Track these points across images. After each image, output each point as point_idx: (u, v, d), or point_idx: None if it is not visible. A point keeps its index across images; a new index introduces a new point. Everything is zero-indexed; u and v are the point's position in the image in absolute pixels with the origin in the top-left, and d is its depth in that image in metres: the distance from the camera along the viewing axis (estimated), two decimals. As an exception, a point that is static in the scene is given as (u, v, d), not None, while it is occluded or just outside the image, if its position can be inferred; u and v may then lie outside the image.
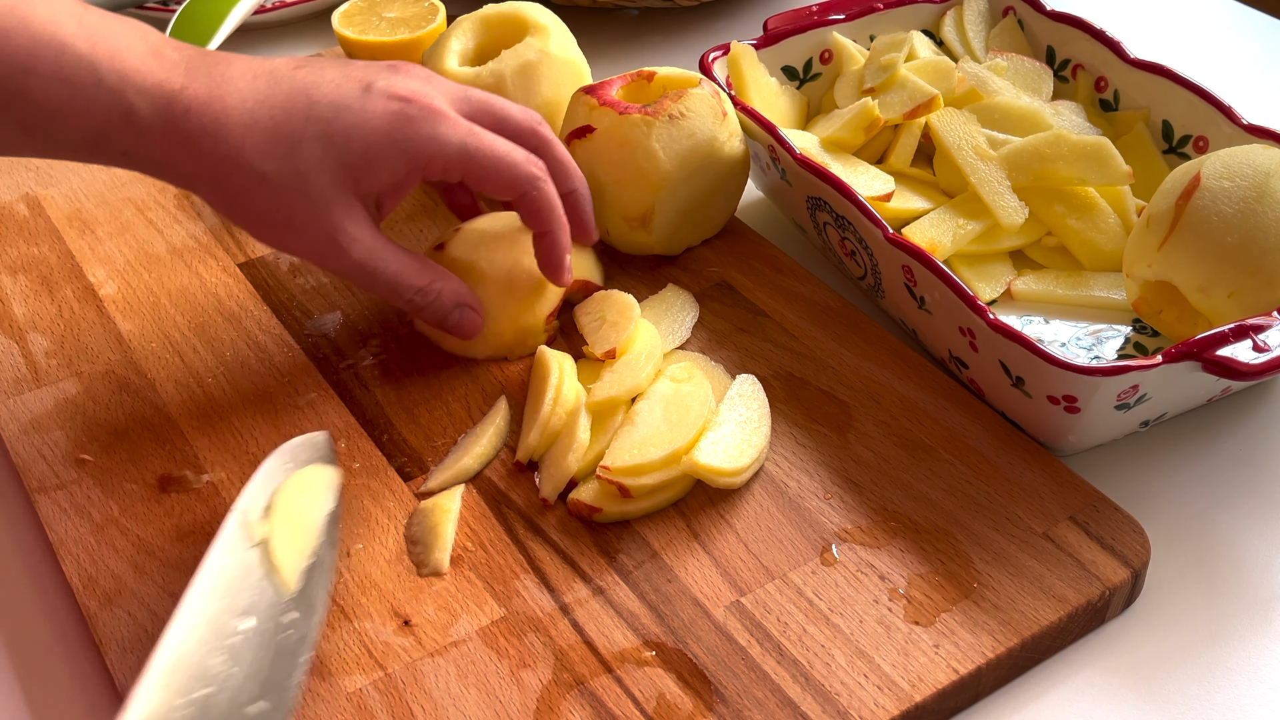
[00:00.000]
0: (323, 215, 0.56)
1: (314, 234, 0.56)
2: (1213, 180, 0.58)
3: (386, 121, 0.56)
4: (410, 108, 0.57)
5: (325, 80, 0.56)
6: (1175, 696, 0.51)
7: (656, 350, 0.61)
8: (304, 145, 0.55)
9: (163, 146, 0.54)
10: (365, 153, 0.56)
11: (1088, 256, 0.67)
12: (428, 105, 0.57)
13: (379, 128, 0.56)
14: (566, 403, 0.58)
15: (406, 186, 0.60)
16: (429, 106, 0.57)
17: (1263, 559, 0.56)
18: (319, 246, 0.57)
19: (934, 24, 0.80)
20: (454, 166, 0.57)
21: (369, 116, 0.56)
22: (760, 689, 0.48)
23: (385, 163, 0.56)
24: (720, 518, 0.55)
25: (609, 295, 0.64)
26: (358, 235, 0.57)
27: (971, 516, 0.55)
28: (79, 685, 0.52)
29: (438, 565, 0.53)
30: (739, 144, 0.68)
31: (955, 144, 0.69)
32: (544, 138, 0.61)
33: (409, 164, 0.57)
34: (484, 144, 0.58)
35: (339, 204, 0.56)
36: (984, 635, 0.50)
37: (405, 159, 0.56)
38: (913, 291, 0.61)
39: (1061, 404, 0.55)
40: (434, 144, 0.57)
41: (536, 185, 0.59)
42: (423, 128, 0.56)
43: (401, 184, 0.59)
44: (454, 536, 0.55)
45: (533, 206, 0.60)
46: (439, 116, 0.57)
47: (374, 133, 0.56)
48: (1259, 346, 0.53)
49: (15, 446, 0.60)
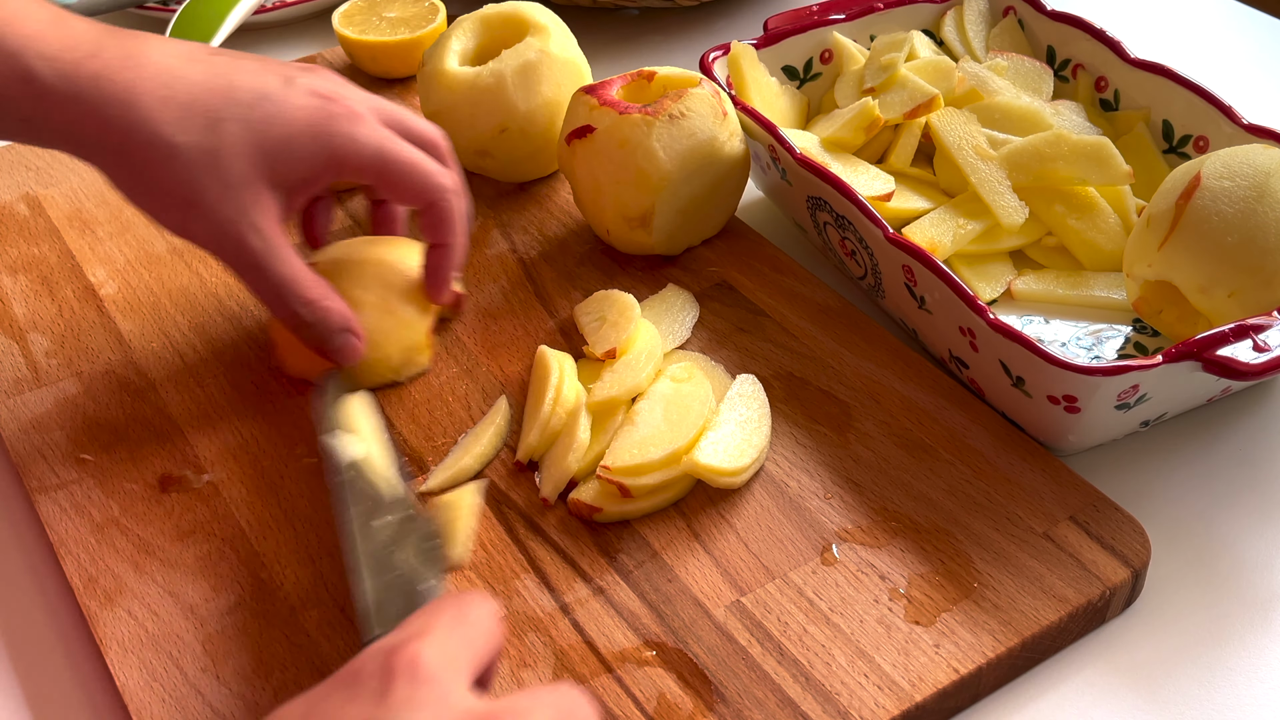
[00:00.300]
0: (231, 198, 0.55)
1: (217, 217, 0.55)
2: (1213, 180, 0.58)
3: (308, 115, 0.56)
4: (332, 105, 0.57)
5: (245, 68, 0.56)
6: (1175, 696, 0.51)
7: (657, 350, 0.61)
8: (224, 125, 0.54)
9: (66, 113, 0.53)
10: (285, 141, 0.55)
11: (1088, 256, 0.67)
12: (348, 106, 0.57)
13: (300, 119, 0.55)
14: (567, 402, 0.58)
15: (317, 184, 0.59)
16: (349, 108, 0.57)
17: (1263, 559, 0.56)
18: (218, 231, 0.55)
19: (934, 24, 0.80)
20: (368, 169, 0.57)
21: (291, 108, 0.55)
22: (761, 689, 0.48)
23: (303, 154, 0.56)
24: (720, 518, 0.55)
25: (609, 295, 0.64)
26: (261, 226, 0.55)
27: (972, 516, 0.55)
28: (79, 685, 0.52)
29: (457, 560, 0.54)
30: (739, 144, 0.68)
31: (955, 144, 0.69)
32: (448, 155, 0.61)
33: (327, 159, 0.56)
34: (399, 150, 0.58)
35: (250, 189, 0.55)
36: (984, 635, 0.50)
37: (324, 154, 0.56)
38: (913, 291, 0.61)
39: (1062, 404, 0.55)
40: (353, 144, 0.56)
41: (446, 196, 0.59)
42: (343, 126, 0.56)
43: (313, 180, 0.58)
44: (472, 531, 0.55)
45: (439, 216, 0.60)
46: (358, 118, 0.57)
47: (295, 123, 0.55)
48: (1259, 346, 0.53)
49: (15, 446, 0.60)
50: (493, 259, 0.70)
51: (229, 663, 0.50)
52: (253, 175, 0.55)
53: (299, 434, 0.60)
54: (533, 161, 0.74)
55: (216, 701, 0.49)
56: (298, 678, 0.50)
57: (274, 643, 0.51)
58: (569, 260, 0.70)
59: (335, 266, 0.62)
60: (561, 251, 0.70)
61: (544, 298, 0.67)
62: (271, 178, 0.55)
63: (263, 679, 0.50)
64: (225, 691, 0.49)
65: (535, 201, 0.74)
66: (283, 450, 0.59)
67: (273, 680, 0.50)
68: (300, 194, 0.59)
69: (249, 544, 0.55)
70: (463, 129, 0.72)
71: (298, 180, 0.57)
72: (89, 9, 0.89)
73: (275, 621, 0.52)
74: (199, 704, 0.49)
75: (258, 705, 0.49)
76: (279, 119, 0.55)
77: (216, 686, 0.49)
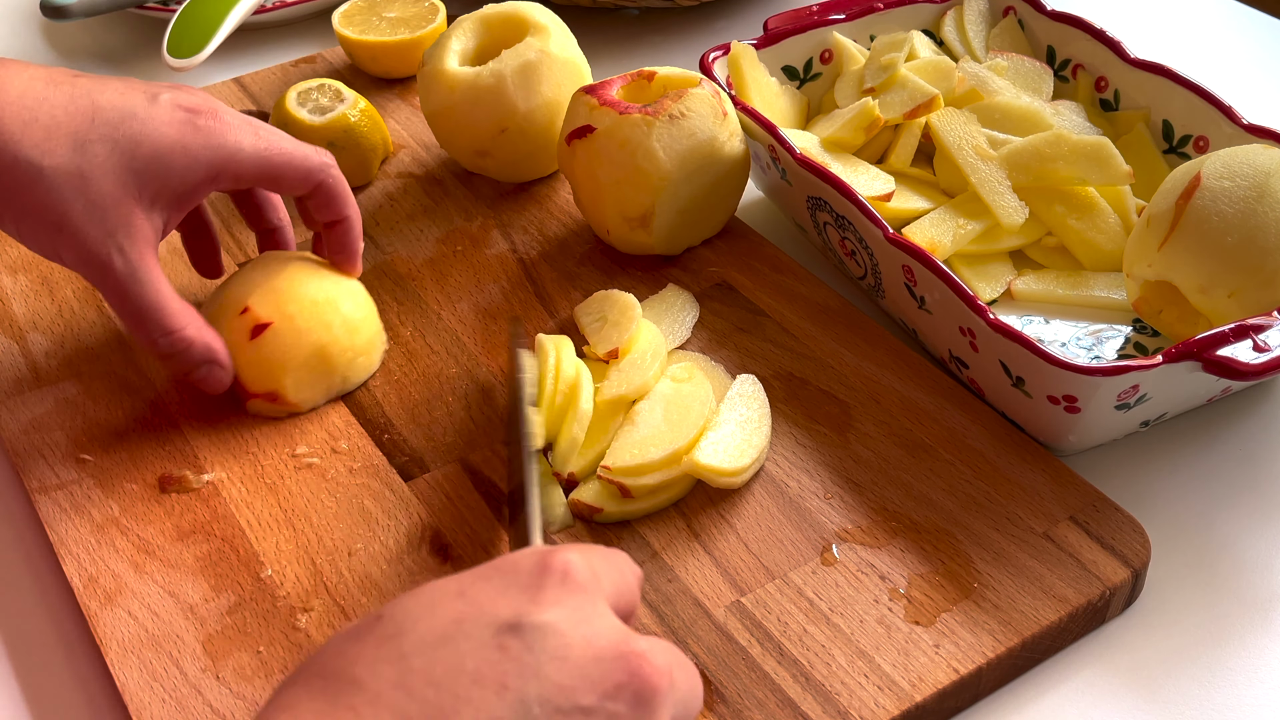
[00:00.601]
0: (98, 220, 0.54)
1: (83, 239, 0.54)
2: (1213, 180, 0.58)
3: (176, 129, 0.55)
4: (199, 117, 0.56)
5: (109, 88, 0.56)
6: (1175, 696, 0.51)
7: (661, 348, 0.61)
8: (90, 146, 0.54)
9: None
10: (156, 157, 0.55)
11: (1088, 256, 0.67)
12: (217, 115, 0.57)
13: (169, 134, 0.55)
14: (567, 378, 0.58)
15: (196, 197, 0.58)
16: (219, 117, 0.57)
17: (1263, 559, 0.56)
18: (85, 253, 0.54)
19: (934, 24, 0.80)
20: (249, 169, 0.57)
21: (158, 123, 0.55)
22: (761, 689, 0.48)
23: (177, 168, 0.55)
24: (721, 518, 0.55)
25: (609, 295, 0.64)
26: (127, 249, 0.55)
27: (972, 516, 0.55)
28: (79, 685, 0.52)
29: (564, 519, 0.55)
30: (739, 144, 0.68)
31: (955, 144, 0.69)
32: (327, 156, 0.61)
33: (204, 170, 0.56)
34: (274, 142, 0.58)
35: (118, 210, 0.54)
36: (984, 635, 0.50)
37: (200, 165, 0.56)
38: (913, 291, 0.61)
39: (1062, 404, 0.55)
40: (226, 149, 0.56)
41: (329, 172, 0.60)
42: (215, 134, 0.56)
43: (191, 194, 0.57)
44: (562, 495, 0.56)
45: (328, 194, 0.60)
46: (227, 125, 0.57)
47: (164, 139, 0.55)
48: (1259, 346, 0.53)
49: (15, 446, 0.60)
50: (493, 259, 0.70)
51: (229, 663, 0.50)
52: (122, 196, 0.54)
53: (299, 434, 0.60)
54: (533, 161, 0.74)
55: (216, 701, 0.49)
56: (298, 678, 0.50)
57: (274, 643, 0.51)
58: (569, 260, 0.70)
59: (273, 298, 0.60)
60: (561, 251, 0.70)
61: (544, 298, 0.67)
62: (143, 197, 0.55)
63: (263, 679, 0.50)
64: (225, 691, 0.49)
65: (535, 201, 0.74)
66: (283, 450, 0.59)
67: (273, 680, 0.50)
68: (179, 210, 0.58)
69: (249, 544, 0.55)
70: (463, 129, 0.72)
71: (173, 196, 0.56)
72: (89, 9, 0.89)
73: (275, 621, 0.52)
74: (199, 704, 0.49)
75: (257, 705, 0.49)
76: (147, 136, 0.55)
77: (216, 686, 0.49)
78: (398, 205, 0.75)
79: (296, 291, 0.60)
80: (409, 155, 0.79)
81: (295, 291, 0.60)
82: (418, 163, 0.78)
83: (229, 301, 0.60)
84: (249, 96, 0.84)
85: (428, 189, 0.76)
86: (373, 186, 0.76)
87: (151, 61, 0.92)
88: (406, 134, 0.80)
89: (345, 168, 0.74)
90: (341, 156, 0.74)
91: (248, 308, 0.60)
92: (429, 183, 0.76)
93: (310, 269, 0.62)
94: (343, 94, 0.76)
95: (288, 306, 0.60)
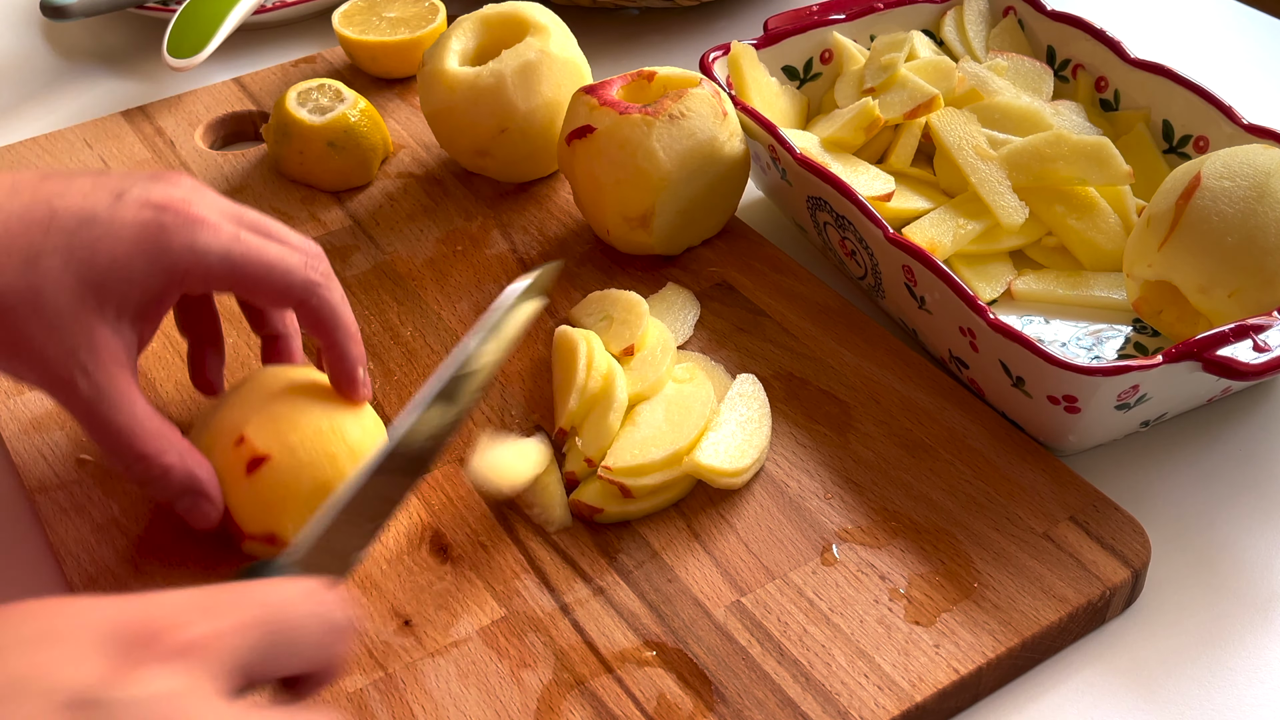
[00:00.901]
0: (56, 340, 0.49)
1: (43, 362, 0.49)
2: (1213, 180, 0.58)
3: (136, 231, 0.50)
4: (165, 215, 0.50)
5: (73, 190, 0.50)
6: (1175, 696, 0.51)
7: (670, 344, 0.61)
8: (42, 259, 0.49)
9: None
10: (111, 267, 0.49)
11: (1088, 256, 0.67)
12: (185, 212, 0.51)
13: (128, 237, 0.50)
14: (601, 367, 0.58)
15: (164, 304, 0.52)
16: (187, 213, 0.51)
17: (1263, 559, 0.56)
18: (48, 376, 0.49)
19: (934, 24, 0.80)
20: (218, 277, 0.51)
21: (117, 227, 0.50)
22: (761, 689, 0.48)
23: (137, 275, 0.50)
24: (721, 518, 0.55)
25: (608, 295, 0.64)
26: (91, 368, 0.49)
27: (972, 516, 0.55)
28: (79, 685, 0.51)
29: (563, 521, 0.55)
30: (739, 144, 0.68)
31: (955, 144, 0.69)
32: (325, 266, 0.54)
33: (164, 277, 0.50)
34: (251, 249, 0.51)
35: (78, 327, 0.49)
36: (984, 635, 0.50)
37: (158, 271, 0.50)
38: (913, 291, 0.61)
39: (1062, 404, 0.55)
40: (192, 254, 0.50)
41: (316, 291, 0.53)
42: (179, 236, 0.50)
43: (156, 301, 0.51)
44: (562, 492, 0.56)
45: (314, 315, 0.53)
46: (198, 223, 0.51)
47: (123, 243, 0.49)
48: (1259, 346, 0.53)
49: (15, 446, 0.60)
50: (493, 259, 0.70)
51: (229, 663, 0.50)
52: (80, 311, 0.49)
53: (299, 434, 0.60)
54: (533, 161, 0.74)
55: (216, 701, 0.49)
56: (298, 678, 0.50)
57: (274, 643, 0.51)
58: (569, 260, 0.70)
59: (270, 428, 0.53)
60: (561, 251, 0.70)
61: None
62: (106, 310, 0.50)
63: (263, 679, 0.50)
64: (225, 691, 0.49)
65: (535, 201, 0.74)
66: (283, 450, 0.59)
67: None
68: (150, 320, 0.52)
69: (249, 544, 0.55)
70: (463, 129, 0.72)
71: (139, 307, 0.51)
72: (89, 9, 0.89)
73: (275, 621, 0.52)
74: (199, 704, 0.49)
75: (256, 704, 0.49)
76: (104, 242, 0.49)
77: (216, 686, 0.49)
78: (398, 205, 0.75)
79: (298, 418, 0.53)
80: (409, 155, 0.79)
81: (297, 418, 0.53)
82: (418, 163, 0.78)
83: (223, 428, 0.53)
84: (249, 96, 0.84)
85: (428, 189, 0.76)
86: (373, 186, 0.76)
87: (151, 61, 0.92)
88: (406, 134, 0.80)
89: (345, 168, 0.75)
90: (341, 156, 0.74)
91: (244, 437, 0.52)
92: (429, 183, 0.76)
93: (314, 388, 0.55)
94: (343, 94, 0.76)
95: (289, 436, 0.52)
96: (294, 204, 0.75)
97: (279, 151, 0.75)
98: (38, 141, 0.80)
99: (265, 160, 0.78)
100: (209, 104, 0.83)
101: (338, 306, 0.54)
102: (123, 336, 0.51)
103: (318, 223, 0.73)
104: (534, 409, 0.61)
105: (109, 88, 0.89)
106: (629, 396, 0.58)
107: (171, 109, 0.83)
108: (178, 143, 0.80)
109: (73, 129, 0.81)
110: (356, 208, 0.74)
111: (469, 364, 0.52)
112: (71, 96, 0.89)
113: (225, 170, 0.78)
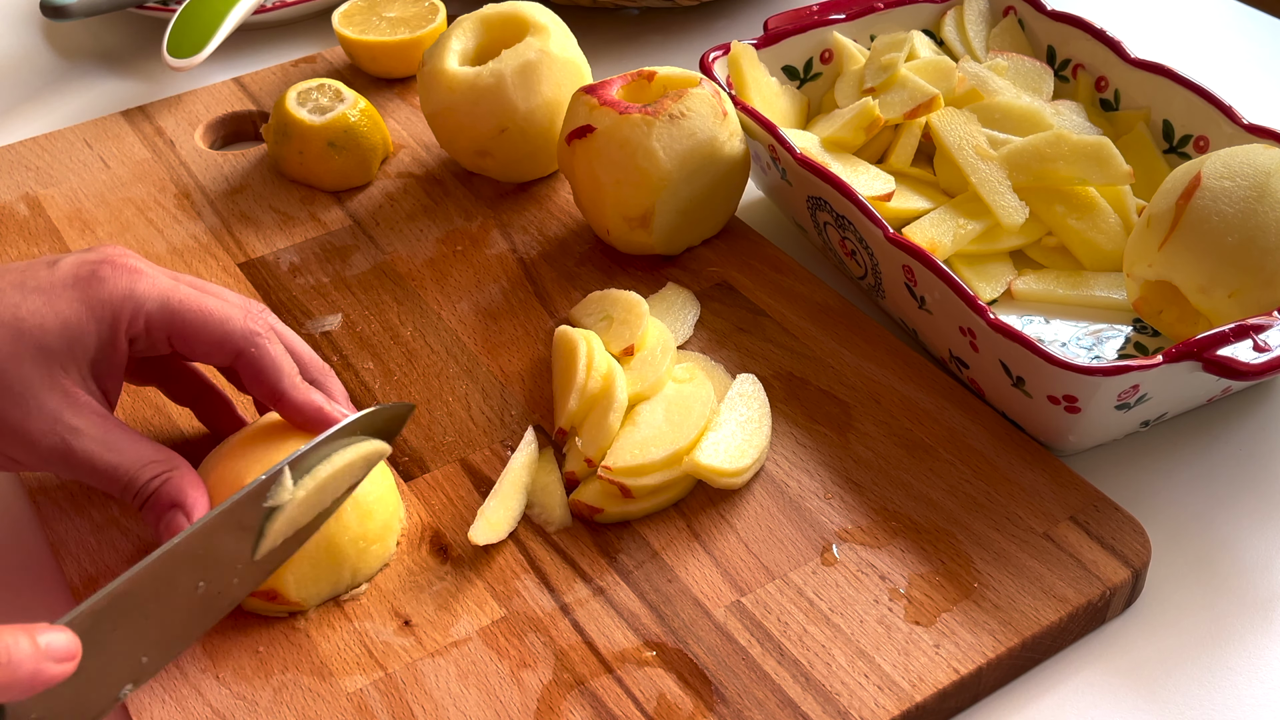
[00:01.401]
0: (35, 414, 0.49)
1: (30, 437, 0.49)
2: (1213, 180, 0.58)
3: (76, 289, 0.50)
4: (102, 268, 0.51)
5: (10, 269, 0.51)
6: (1175, 696, 0.51)
7: (670, 344, 0.61)
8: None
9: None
10: (63, 330, 0.49)
11: (1088, 256, 0.67)
12: (122, 264, 0.51)
13: (68, 297, 0.50)
14: (600, 367, 0.58)
15: (116, 355, 0.51)
16: (124, 265, 0.51)
17: (1263, 559, 0.56)
18: (42, 450, 0.49)
19: (934, 24, 0.80)
20: (156, 324, 0.51)
21: (55, 285, 0.50)
22: (761, 689, 0.48)
23: (79, 330, 0.50)
24: (721, 518, 0.55)
25: (607, 294, 0.64)
26: (80, 426, 0.49)
27: (972, 516, 0.55)
28: (78, 685, 0.51)
29: (563, 521, 0.55)
30: (739, 144, 0.68)
31: (955, 144, 0.69)
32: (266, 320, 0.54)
33: (107, 328, 0.50)
34: (189, 297, 0.51)
35: (50, 394, 0.49)
36: (984, 635, 0.50)
37: (99, 321, 0.50)
38: (913, 291, 0.61)
39: (1062, 404, 0.55)
40: (130, 301, 0.50)
41: (255, 342, 0.52)
42: (116, 283, 0.51)
43: (108, 353, 0.51)
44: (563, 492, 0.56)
45: (253, 367, 0.52)
46: (135, 273, 0.51)
47: (60, 299, 0.50)
48: (1259, 346, 0.53)
49: (15, 446, 0.60)
50: (493, 259, 0.70)
51: (229, 663, 0.50)
52: (47, 378, 0.49)
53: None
54: (533, 161, 0.74)
55: (216, 701, 0.49)
56: (298, 678, 0.50)
57: (274, 643, 0.51)
58: (569, 260, 0.70)
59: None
60: (561, 251, 0.70)
61: (544, 298, 0.67)
62: (69, 370, 0.50)
63: (263, 679, 0.50)
64: (225, 691, 0.49)
65: (535, 201, 0.74)
66: (283, 450, 0.59)
67: (273, 680, 0.50)
68: (109, 374, 0.52)
69: (249, 544, 0.55)
70: (463, 129, 0.72)
71: (93, 361, 0.51)
72: (89, 9, 0.89)
73: (275, 622, 0.52)
74: (199, 704, 0.49)
75: (257, 705, 0.49)
76: (49, 306, 0.50)
77: (216, 686, 0.49)
78: (398, 205, 0.75)
79: None
80: (409, 155, 0.79)
81: None
82: (418, 163, 0.78)
83: (222, 481, 0.52)
84: (249, 96, 0.84)
85: (428, 189, 0.76)
86: (373, 186, 0.76)
87: (151, 61, 0.92)
88: (406, 134, 0.80)
89: (345, 168, 0.75)
90: (341, 156, 0.74)
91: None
92: (429, 183, 0.76)
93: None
94: (343, 94, 0.76)
95: None
96: (294, 204, 0.75)
97: (279, 151, 0.75)
98: (38, 141, 0.80)
99: (265, 160, 0.78)
100: (209, 104, 0.83)
101: (276, 360, 0.52)
102: (91, 392, 0.51)
103: (318, 223, 0.73)
104: (534, 409, 0.61)
105: (109, 88, 0.89)
106: (629, 396, 0.58)
107: (171, 109, 0.83)
108: (178, 143, 0.80)
109: (73, 129, 0.81)
110: (356, 208, 0.74)
111: (272, 495, 0.48)
112: (71, 96, 0.89)
113: (225, 170, 0.78)
